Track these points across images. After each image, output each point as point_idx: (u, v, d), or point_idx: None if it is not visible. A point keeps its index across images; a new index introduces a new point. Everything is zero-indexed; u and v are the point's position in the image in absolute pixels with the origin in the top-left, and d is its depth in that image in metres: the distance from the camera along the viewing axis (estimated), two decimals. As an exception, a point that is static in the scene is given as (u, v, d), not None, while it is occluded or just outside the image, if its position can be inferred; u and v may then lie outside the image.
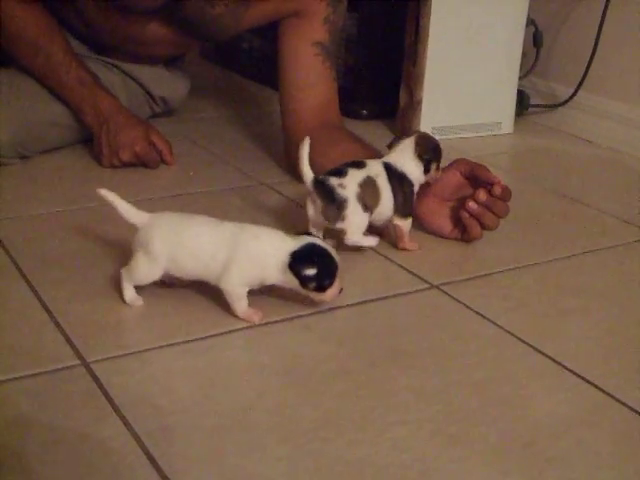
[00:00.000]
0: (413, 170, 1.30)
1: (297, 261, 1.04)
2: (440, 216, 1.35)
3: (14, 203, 1.42)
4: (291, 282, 1.06)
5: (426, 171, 1.31)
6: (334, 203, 1.21)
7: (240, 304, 1.07)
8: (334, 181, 1.21)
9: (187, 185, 1.56)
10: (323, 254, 1.06)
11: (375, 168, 1.27)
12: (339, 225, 1.22)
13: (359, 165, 1.26)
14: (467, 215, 1.29)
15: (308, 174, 1.20)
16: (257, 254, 1.06)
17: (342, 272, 1.09)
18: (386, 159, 1.30)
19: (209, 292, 1.11)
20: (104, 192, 1.12)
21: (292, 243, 1.05)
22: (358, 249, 1.28)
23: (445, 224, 1.36)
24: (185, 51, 1.92)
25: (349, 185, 1.22)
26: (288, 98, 1.62)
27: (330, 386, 0.96)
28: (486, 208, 1.27)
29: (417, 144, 1.30)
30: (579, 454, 0.87)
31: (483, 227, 1.30)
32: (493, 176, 1.28)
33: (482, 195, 1.26)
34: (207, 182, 1.58)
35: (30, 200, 1.44)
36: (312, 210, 1.23)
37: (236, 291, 1.07)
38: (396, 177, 1.28)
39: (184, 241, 1.07)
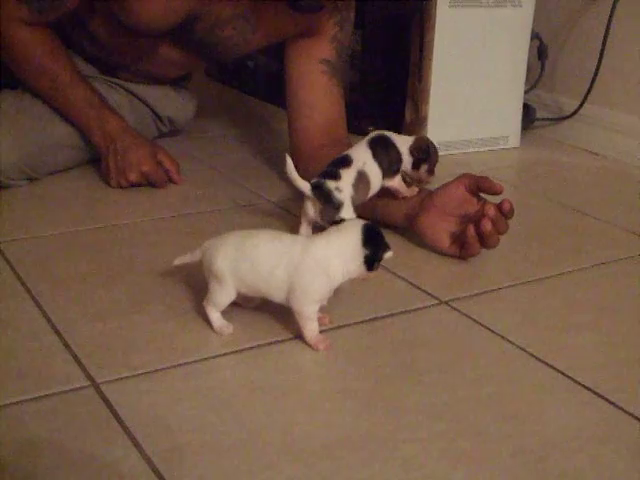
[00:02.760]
0: (403, 143, 1.38)
1: (374, 250, 1.04)
2: (439, 230, 1.35)
3: (22, 224, 1.43)
4: (355, 272, 1.05)
5: (415, 167, 1.38)
6: (332, 205, 1.29)
7: (310, 327, 1.06)
8: (331, 184, 1.30)
9: (195, 204, 1.57)
10: (375, 233, 1.06)
11: (361, 157, 1.34)
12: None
13: (347, 162, 1.33)
14: (473, 233, 1.28)
15: (304, 184, 1.29)
16: (320, 262, 1.04)
17: (350, 290, 1.10)
18: (374, 133, 1.38)
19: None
20: (178, 262, 1.14)
21: (345, 236, 1.05)
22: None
23: (444, 239, 1.35)
24: (192, 71, 1.93)
25: (345, 188, 1.30)
26: (295, 116, 1.63)
27: (340, 404, 0.96)
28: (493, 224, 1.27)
29: (414, 142, 1.38)
30: (592, 469, 0.86)
31: (485, 246, 1.30)
32: (497, 185, 1.29)
33: (492, 211, 1.26)
34: (215, 201, 1.58)
35: (38, 221, 1.44)
36: (312, 210, 1.30)
37: (305, 310, 1.05)
38: (382, 146, 1.36)
39: (243, 254, 1.06)
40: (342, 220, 1.14)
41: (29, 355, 1.03)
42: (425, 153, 1.38)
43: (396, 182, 1.38)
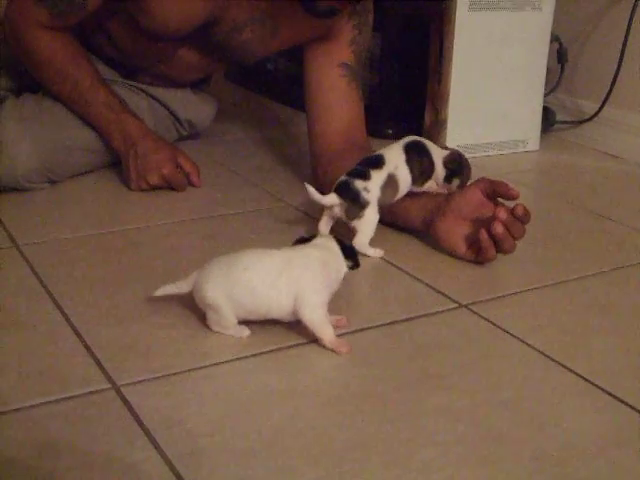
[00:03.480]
0: (438, 153, 1.40)
1: (355, 262, 1.11)
2: (456, 235, 1.34)
3: (44, 227, 1.44)
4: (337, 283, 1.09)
5: (447, 181, 1.40)
6: (358, 204, 1.32)
7: (326, 332, 1.05)
8: (359, 184, 1.33)
9: (215, 207, 1.57)
10: (350, 247, 1.13)
11: (394, 160, 1.36)
12: (355, 223, 1.34)
13: (379, 163, 1.35)
14: (486, 237, 1.27)
15: (330, 198, 1.33)
16: (325, 263, 1.07)
17: (369, 294, 1.09)
18: (411, 137, 1.40)
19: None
20: (159, 293, 1.11)
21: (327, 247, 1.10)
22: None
23: (460, 244, 1.34)
24: (212, 74, 1.94)
25: (373, 189, 1.33)
26: (314, 119, 1.63)
27: (359, 408, 0.96)
28: (505, 228, 1.26)
29: (448, 154, 1.40)
30: (611, 474, 0.86)
31: (500, 250, 1.29)
32: (514, 191, 1.28)
33: (503, 213, 1.25)
34: (235, 204, 1.59)
35: (59, 224, 1.45)
36: (338, 208, 1.34)
37: (316, 315, 1.04)
38: (416, 153, 1.37)
39: (235, 280, 1.04)
40: (306, 239, 1.13)
41: (50, 357, 1.03)
42: (458, 165, 1.39)
43: (424, 188, 1.40)
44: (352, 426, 0.92)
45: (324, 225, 1.35)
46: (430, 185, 1.40)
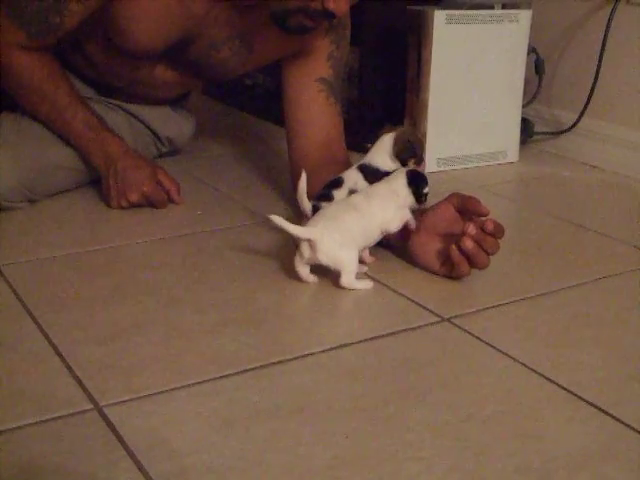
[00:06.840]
0: (390, 165, 1.40)
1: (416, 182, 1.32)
2: (430, 251, 1.34)
3: (23, 247, 1.43)
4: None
5: (403, 166, 1.40)
6: None
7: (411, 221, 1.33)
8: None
9: (196, 224, 1.57)
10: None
11: (352, 178, 1.41)
12: None
13: (338, 184, 1.40)
14: (457, 252, 1.27)
15: (308, 206, 1.38)
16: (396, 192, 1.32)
17: (351, 309, 1.08)
18: (362, 160, 1.43)
19: (221, 332, 1.11)
20: (274, 218, 1.25)
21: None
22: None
23: (434, 260, 1.34)
24: (190, 90, 1.94)
25: None
26: (293, 135, 1.63)
27: (344, 424, 0.95)
28: (476, 243, 1.25)
29: (394, 144, 1.40)
30: (597, 486, 0.86)
31: (473, 265, 1.29)
32: (483, 207, 1.27)
33: (472, 229, 1.24)
34: (215, 221, 1.58)
35: (39, 243, 1.45)
36: None
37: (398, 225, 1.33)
38: (372, 174, 1.39)
39: (372, 217, 1.29)
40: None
41: (31, 378, 1.03)
42: (409, 151, 1.40)
43: None
44: (336, 442, 0.92)
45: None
46: None
